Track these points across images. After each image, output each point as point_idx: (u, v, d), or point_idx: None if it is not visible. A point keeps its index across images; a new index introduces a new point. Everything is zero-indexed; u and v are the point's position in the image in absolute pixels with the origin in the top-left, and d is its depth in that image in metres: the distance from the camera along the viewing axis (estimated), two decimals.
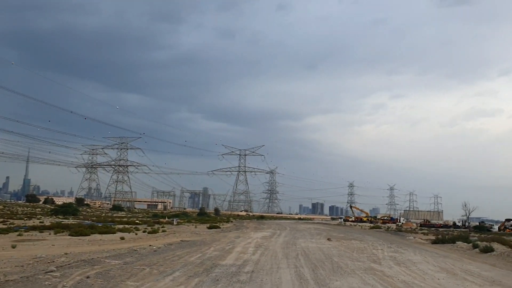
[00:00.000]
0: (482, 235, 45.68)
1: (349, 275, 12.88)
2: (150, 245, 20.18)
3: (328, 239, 30.19)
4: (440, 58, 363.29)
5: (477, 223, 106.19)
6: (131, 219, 56.81)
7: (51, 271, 11.13)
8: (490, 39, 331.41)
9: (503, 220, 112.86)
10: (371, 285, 11.35)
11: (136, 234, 29.56)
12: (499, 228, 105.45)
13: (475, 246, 24.57)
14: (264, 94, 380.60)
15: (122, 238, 24.57)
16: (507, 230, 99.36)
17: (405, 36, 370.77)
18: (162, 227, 38.55)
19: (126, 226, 36.56)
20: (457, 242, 28.76)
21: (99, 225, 35.56)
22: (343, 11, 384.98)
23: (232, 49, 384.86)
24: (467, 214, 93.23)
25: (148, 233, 31.09)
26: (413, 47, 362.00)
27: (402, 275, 13.53)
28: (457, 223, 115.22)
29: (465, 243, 27.75)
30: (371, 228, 68.11)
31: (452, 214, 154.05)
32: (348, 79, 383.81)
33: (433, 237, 36.17)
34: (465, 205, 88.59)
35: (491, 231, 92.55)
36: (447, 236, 32.93)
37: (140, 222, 46.41)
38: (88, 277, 10.66)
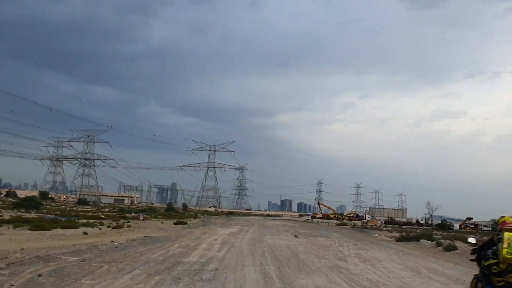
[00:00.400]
0: (445, 233, 46.77)
1: (314, 273, 12.67)
2: (111, 241, 19.52)
3: (295, 236, 30.08)
4: (409, 60, 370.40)
5: (439, 221, 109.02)
6: (97, 213, 55.47)
7: (0, 269, 10.48)
8: (456, 43, 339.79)
9: (464, 218, 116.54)
10: (337, 283, 11.15)
11: (100, 229, 28.74)
12: (460, 226, 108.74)
13: (438, 244, 24.89)
14: (236, 90, 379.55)
15: (85, 233, 23.75)
16: (468, 228, 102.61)
17: (375, 37, 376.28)
18: (128, 222, 37.68)
19: (91, 220, 35.52)
20: (421, 240, 29.15)
21: (62, 219, 34.41)
22: (316, 10, 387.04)
23: (204, 44, 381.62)
24: (430, 213, 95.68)
25: (113, 228, 30.32)
26: (383, 48, 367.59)
27: (367, 273, 13.41)
28: (420, 221, 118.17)
29: (429, 241, 28.13)
30: (338, 225, 68.75)
31: (415, 212, 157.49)
32: (319, 78, 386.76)
33: (398, 235, 36.61)
34: (428, 204, 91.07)
35: (452, 229, 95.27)
36: (411, 234, 33.35)
37: (106, 217, 45.36)
38: (40, 275, 10.04)
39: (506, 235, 6.96)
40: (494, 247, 7.32)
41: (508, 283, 6.81)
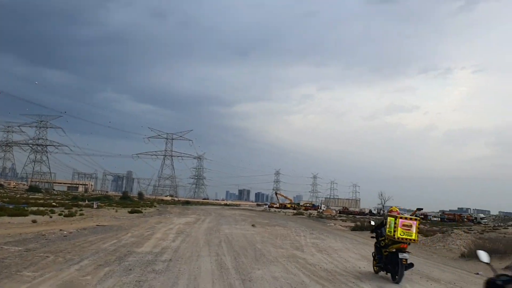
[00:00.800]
0: None
1: (271, 263, 12.43)
2: (60, 230, 18.66)
3: (253, 226, 29.92)
4: (366, 54, 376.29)
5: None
6: (48, 201, 53.47)
7: None
8: (411, 38, 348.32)
9: (415, 209, 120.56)
10: (294, 273, 10.94)
11: (51, 217, 27.58)
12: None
13: None
14: (195, 78, 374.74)
15: (34, 221, 22.69)
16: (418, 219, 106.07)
17: (334, 30, 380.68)
18: (81, 210, 36.44)
19: (41, 208, 34.07)
20: None
21: (10, 207, 32.83)
22: (276, 0, 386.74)
23: (163, 30, 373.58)
24: (383, 203, 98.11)
25: (64, 216, 29.19)
26: (341, 41, 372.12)
27: (324, 263, 13.32)
28: (373, 211, 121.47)
29: None
30: (294, 214, 69.40)
31: (368, 203, 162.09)
32: (279, 69, 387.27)
33: (352, 224, 37.15)
34: (381, 195, 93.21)
35: None
36: (365, 224, 33.83)
37: (57, 205, 43.80)
38: None
39: (389, 219, 10.80)
40: (383, 228, 11.23)
41: (390, 253, 10.66)
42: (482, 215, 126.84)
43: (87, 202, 56.34)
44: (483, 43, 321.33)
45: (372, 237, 12.41)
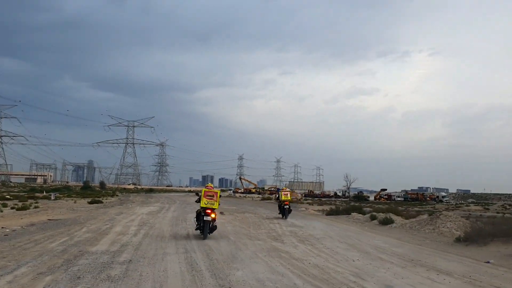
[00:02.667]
0: (378, 206, 47.32)
1: (251, 261, 10.53)
2: (2, 228, 16.20)
3: (221, 213, 27.91)
4: (326, 38, 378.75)
5: (356, 193, 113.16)
6: (3, 194, 49.88)
7: None
8: (369, 22, 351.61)
9: (379, 189, 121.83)
10: (281, 273, 9.09)
11: (2, 211, 24.85)
12: (375, 197, 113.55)
13: (372, 218, 23.91)
14: (156, 65, 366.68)
15: None
16: (382, 199, 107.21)
17: (294, 15, 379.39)
18: (36, 202, 33.54)
19: None
20: (352, 213, 28.21)
21: None
22: None
23: (121, 15, 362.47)
24: (348, 185, 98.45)
25: (17, 209, 26.50)
26: (301, 26, 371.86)
27: (311, 256, 11.54)
28: (338, 193, 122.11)
29: (361, 214, 27.25)
30: (262, 199, 67.86)
31: (333, 185, 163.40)
32: (240, 54, 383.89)
33: (327, 208, 35.80)
34: (346, 177, 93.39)
35: (368, 200, 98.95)
36: (341, 208, 32.50)
37: (12, 197, 40.68)
38: None
39: (280, 192, 25.81)
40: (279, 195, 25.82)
41: (283, 208, 24.71)
42: (444, 194, 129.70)
43: (44, 193, 52.91)
44: (439, 26, 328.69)
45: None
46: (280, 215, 24.97)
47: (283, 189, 26.72)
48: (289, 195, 25.10)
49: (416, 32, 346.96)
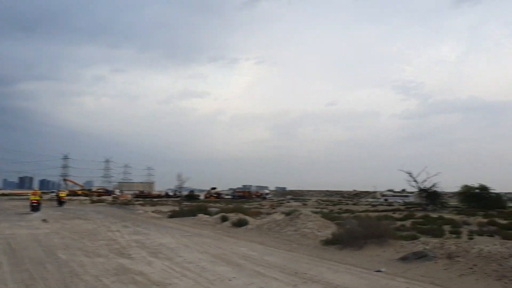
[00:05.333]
0: (194, 203, 46.34)
1: None
2: None
3: (44, 220, 23.24)
4: (159, 39, 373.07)
5: (188, 193, 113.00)
6: None
7: None
8: (202, 28, 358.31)
9: (209, 188, 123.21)
10: None
11: None
12: (205, 196, 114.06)
13: (224, 219, 21.97)
14: None
15: None
16: (212, 197, 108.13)
17: (127, 12, 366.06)
18: None
19: None
20: (198, 214, 25.99)
21: None
22: None
23: None
24: (181, 184, 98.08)
25: None
26: (135, 24, 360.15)
27: (175, 277, 8.84)
28: (170, 193, 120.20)
29: (207, 215, 25.23)
30: (93, 202, 61.78)
31: (164, 185, 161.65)
32: (68, 47, 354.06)
33: (167, 210, 33.06)
34: (179, 176, 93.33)
35: (198, 199, 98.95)
36: (185, 209, 30.05)
37: None
38: None
39: (59, 192, 48.20)
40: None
41: (60, 201, 42.81)
42: (267, 191, 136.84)
43: None
44: (264, 38, 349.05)
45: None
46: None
47: (61, 190, 46.80)
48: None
49: (244, 40, 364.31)
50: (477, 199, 56.57)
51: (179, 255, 11.85)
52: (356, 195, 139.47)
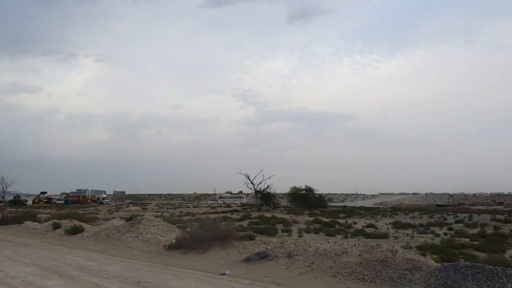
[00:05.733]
0: (20, 209, 42.74)
1: None
2: None
3: None
4: None
5: (13, 197, 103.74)
6: None
7: None
8: (38, 18, 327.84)
9: (39, 193, 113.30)
10: None
11: None
12: (33, 201, 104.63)
13: (56, 227, 20.02)
14: None
15: None
16: (41, 202, 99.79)
17: None
18: None
19: None
20: (25, 222, 23.36)
21: None
22: None
23: None
24: (4, 188, 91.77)
25: None
26: None
27: None
28: None
29: (36, 222, 22.89)
30: None
31: None
32: None
33: None
34: (2, 180, 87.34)
35: (26, 204, 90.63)
36: (9, 215, 26.76)
37: None
38: None
39: None
40: None
41: None
42: (104, 195, 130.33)
43: None
44: (107, 35, 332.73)
45: None
46: None
47: None
48: None
49: (83, 36, 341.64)
50: (304, 199, 63.00)
51: (0, 269, 10.32)
52: (197, 198, 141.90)
